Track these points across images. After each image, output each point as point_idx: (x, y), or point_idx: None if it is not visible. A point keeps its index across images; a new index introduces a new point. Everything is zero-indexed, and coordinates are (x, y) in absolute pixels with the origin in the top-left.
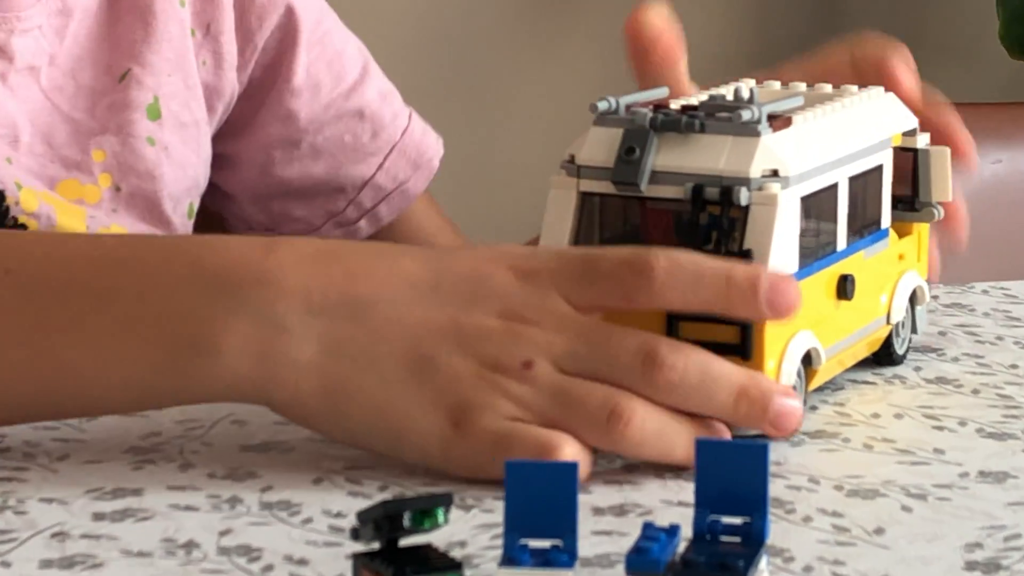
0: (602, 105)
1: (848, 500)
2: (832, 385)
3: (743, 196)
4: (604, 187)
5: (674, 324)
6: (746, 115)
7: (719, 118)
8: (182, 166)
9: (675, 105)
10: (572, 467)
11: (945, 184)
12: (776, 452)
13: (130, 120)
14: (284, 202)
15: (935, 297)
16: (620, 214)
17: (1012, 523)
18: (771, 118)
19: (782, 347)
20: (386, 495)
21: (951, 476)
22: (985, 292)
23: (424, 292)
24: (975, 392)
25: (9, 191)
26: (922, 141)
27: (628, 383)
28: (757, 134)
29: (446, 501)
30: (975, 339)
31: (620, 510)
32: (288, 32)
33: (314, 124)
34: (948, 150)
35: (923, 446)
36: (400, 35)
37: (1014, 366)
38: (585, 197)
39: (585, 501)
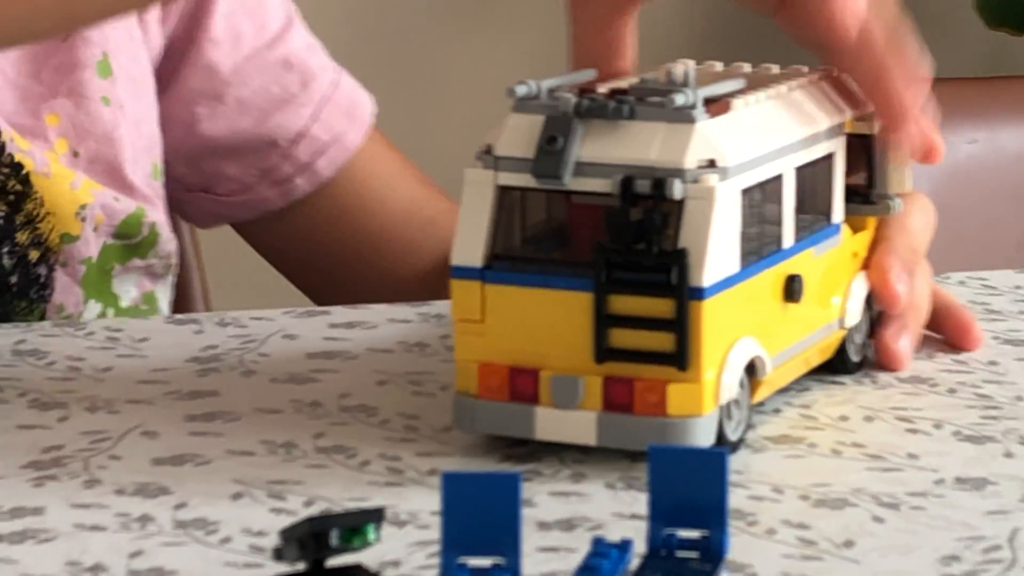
0: (521, 90)
1: (815, 511)
2: (797, 386)
3: (677, 189)
4: (524, 180)
5: (604, 330)
6: (680, 100)
7: (650, 103)
8: (137, 124)
9: (602, 89)
10: (514, 478)
11: (904, 174)
12: (736, 459)
13: (81, 80)
14: (215, 161)
15: None
16: (542, 209)
17: (992, 533)
18: (708, 102)
19: (722, 356)
20: (312, 511)
21: (926, 483)
22: (962, 283)
23: None
24: (951, 392)
25: (4, 128)
26: (877, 127)
27: None
28: (692, 120)
29: (377, 517)
30: None
31: (568, 524)
32: None
33: (237, 76)
34: None
35: (895, 451)
36: (321, 19)
37: (993, 363)
38: (504, 191)
39: (529, 515)
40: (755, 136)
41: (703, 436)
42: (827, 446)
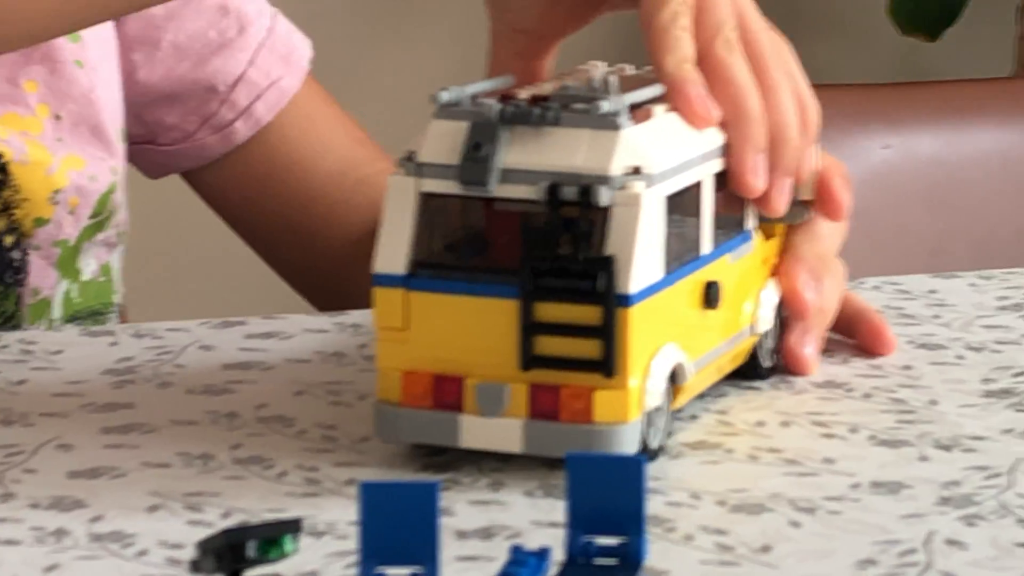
0: (444, 96)
1: (732, 516)
2: (714, 392)
3: (604, 196)
4: (448, 187)
5: (529, 337)
6: (605, 106)
7: (575, 110)
8: (109, 85)
9: (524, 95)
10: (432, 487)
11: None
12: (654, 466)
13: (52, 46)
14: (155, 110)
15: None
16: (466, 216)
17: (907, 537)
18: (631, 109)
19: (647, 362)
20: (229, 522)
21: (842, 488)
22: (876, 288)
23: None
24: (867, 396)
25: None
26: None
27: None
28: (617, 127)
29: (294, 528)
30: None
31: (486, 533)
32: None
33: (173, 21)
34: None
35: (812, 456)
36: None
37: (908, 367)
38: (426, 198)
39: (448, 524)
40: (676, 143)
41: (628, 443)
42: (744, 452)
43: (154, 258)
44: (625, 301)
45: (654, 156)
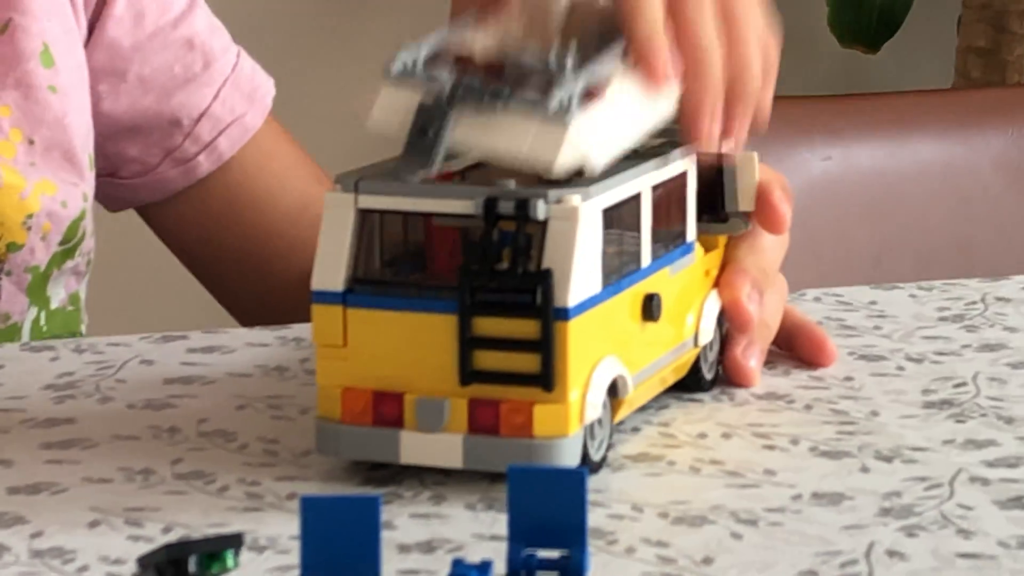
0: (396, 68)
1: (674, 528)
2: (656, 404)
3: (540, 210)
4: (385, 203)
5: (468, 352)
6: (556, 99)
7: (525, 98)
8: (81, 111)
9: (478, 59)
10: (373, 501)
11: (753, 192)
12: (595, 478)
13: (26, 71)
14: (117, 142)
15: None
16: (403, 231)
17: (849, 548)
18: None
19: (587, 376)
20: (170, 537)
21: (783, 499)
22: (817, 299)
23: None
24: (808, 408)
25: None
26: (726, 146)
27: None
28: (565, 125)
29: (236, 542)
30: None
31: (427, 546)
32: None
33: (140, 53)
34: (755, 154)
35: (753, 467)
36: None
37: (849, 379)
38: (364, 214)
39: (389, 537)
40: (624, 134)
41: (569, 456)
42: (686, 464)
43: (114, 286)
44: (563, 315)
45: (599, 154)
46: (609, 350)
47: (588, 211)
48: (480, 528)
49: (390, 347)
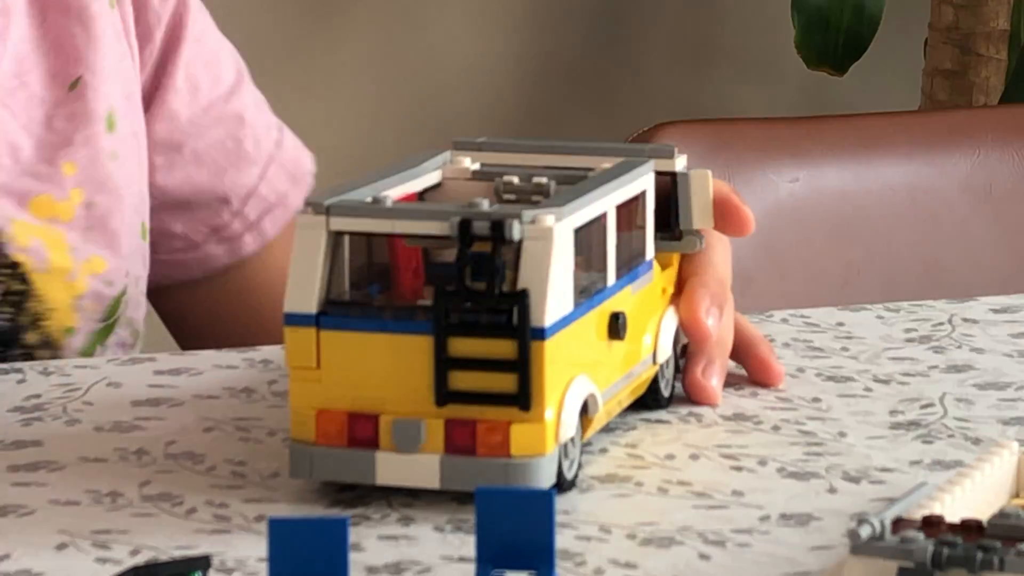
0: (864, 533)
1: (642, 549)
2: (623, 425)
3: (516, 230)
4: (357, 224)
5: (444, 372)
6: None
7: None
8: (136, 182)
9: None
10: (341, 522)
11: (707, 209)
12: (563, 500)
13: (94, 133)
14: (163, 215)
15: None
16: (377, 253)
17: (816, 568)
18: None
19: (561, 394)
20: (138, 560)
21: (751, 520)
22: (785, 321)
23: None
24: (775, 429)
25: (3, 225)
26: (680, 163)
27: None
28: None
29: (203, 564)
30: None
31: (396, 568)
32: (175, 28)
33: (195, 127)
34: (709, 172)
35: (721, 488)
36: None
37: (816, 400)
38: (336, 236)
39: (358, 559)
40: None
41: (546, 476)
42: (654, 485)
43: None
44: (540, 334)
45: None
46: (580, 369)
47: (561, 231)
48: (448, 550)
49: (364, 368)
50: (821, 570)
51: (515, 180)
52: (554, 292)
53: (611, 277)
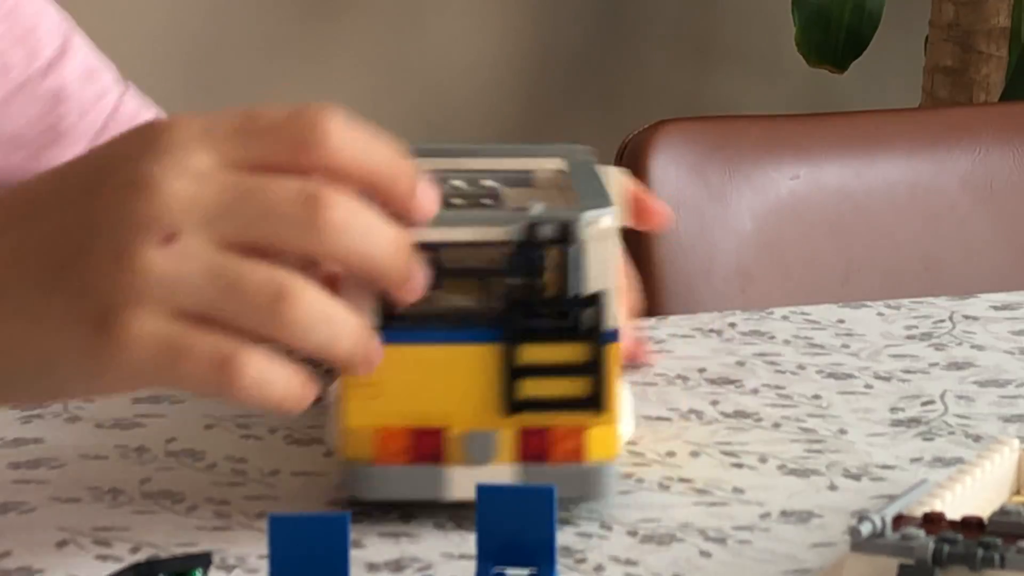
0: (865, 530)
1: (643, 546)
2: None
3: (581, 232)
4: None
5: (513, 381)
6: None
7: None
8: None
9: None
10: (342, 519)
11: (623, 206)
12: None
13: None
14: None
15: (732, 324)
16: (434, 263)
17: (817, 565)
18: None
19: (619, 397)
20: (138, 557)
21: (752, 517)
22: (785, 318)
23: (51, 201)
24: (776, 426)
25: None
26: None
27: (291, 231)
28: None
29: (204, 562)
30: (775, 369)
31: (396, 565)
32: None
33: (7, 107)
34: (622, 170)
35: (722, 485)
36: (154, 50)
37: (817, 397)
38: None
39: (358, 556)
40: None
41: (616, 477)
42: (654, 481)
43: None
44: (612, 337)
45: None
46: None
47: (616, 231)
48: (449, 547)
49: (425, 382)
50: (822, 567)
51: (464, 184)
52: (614, 293)
53: None
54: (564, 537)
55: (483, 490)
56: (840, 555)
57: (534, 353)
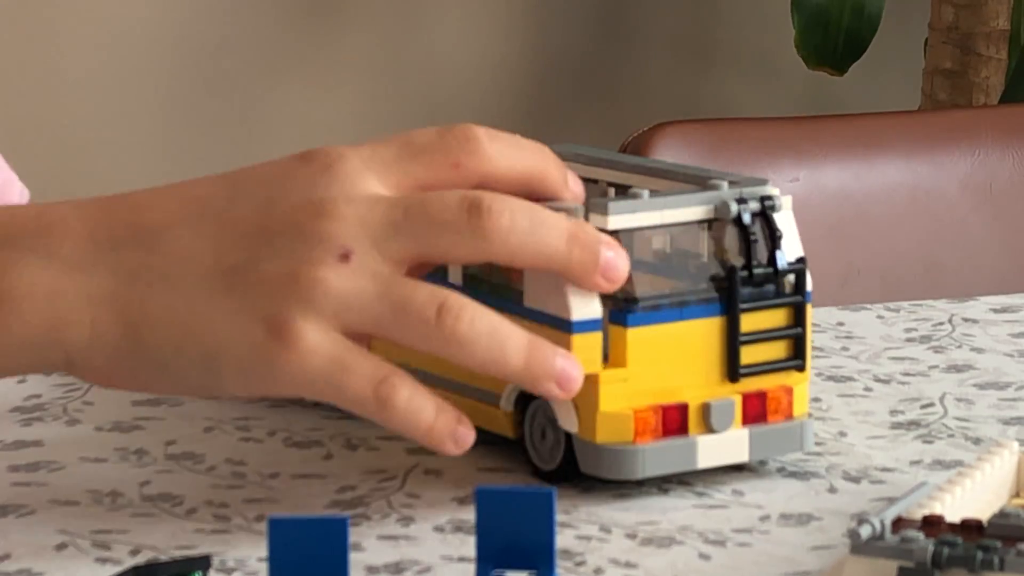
0: (865, 533)
1: (642, 549)
2: None
3: (780, 203)
4: (633, 220)
5: (737, 349)
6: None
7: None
8: None
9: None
10: (342, 522)
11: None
12: (564, 499)
13: None
14: None
15: None
16: (643, 246)
17: (816, 568)
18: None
19: None
20: (138, 559)
21: (751, 520)
22: None
23: (221, 206)
24: None
25: None
26: None
27: (461, 239)
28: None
29: (204, 564)
30: None
31: (396, 568)
32: None
33: None
34: None
35: (721, 488)
36: (154, 53)
37: (816, 399)
38: (613, 235)
39: (358, 559)
40: None
41: (813, 431)
42: (654, 484)
43: None
44: (809, 298)
45: None
46: None
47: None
48: (448, 550)
49: (665, 360)
50: (821, 570)
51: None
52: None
53: None
54: (563, 540)
55: (482, 493)
56: (839, 558)
57: (753, 321)
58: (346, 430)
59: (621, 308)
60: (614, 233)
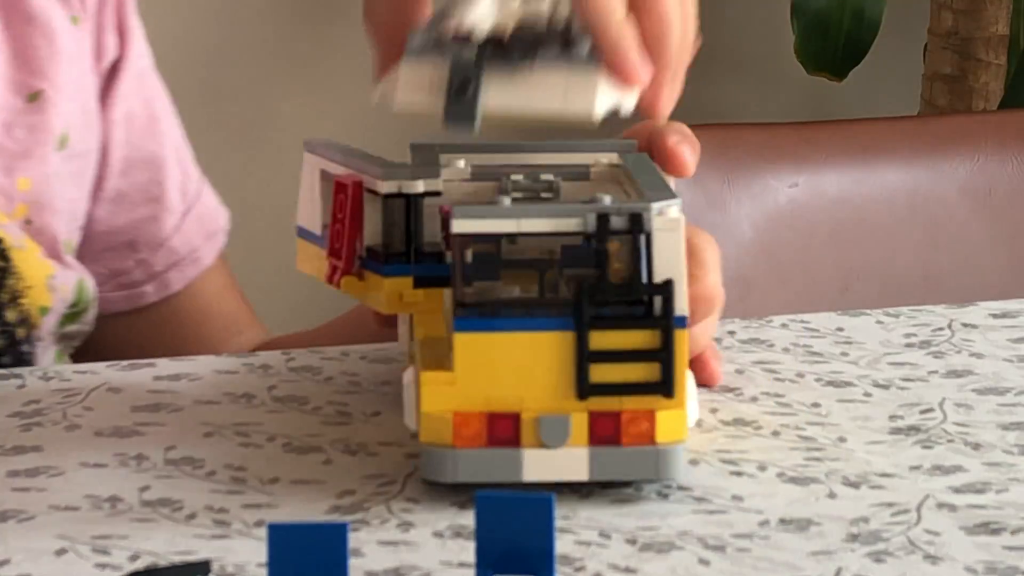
0: (416, 38)
1: (641, 555)
2: None
3: (653, 222)
4: (478, 226)
5: (586, 366)
6: (583, 53)
7: (550, 53)
8: (70, 200)
9: (492, 32)
10: (341, 528)
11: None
12: (563, 505)
13: (45, 151)
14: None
15: (731, 332)
16: (498, 253)
17: (816, 573)
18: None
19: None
20: (137, 565)
21: (751, 525)
22: (784, 326)
23: None
24: (775, 434)
25: None
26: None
27: None
28: (596, 71)
29: (203, 570)
30: (774, 377)
31: (395, 573)
32: (120, 60)
33: (122, 164)
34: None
35: (721, 493)
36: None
37: (816, 405)
38: (460, 238)
39: (357, 565)
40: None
41: (684, 461)
42: (653, 489)
43: None
44: (681, 323)
45: (628, 99)
46: None
47: (681, 222)
48: (448, 555)
49: (500, 368)
50: (821, 575)
51: (521, 179)
52: (680, 283)
53: None
54: (563, 545)
55: (482, 498)
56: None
57: (606, 339)
58: (345, 435)
59: (456, 313)
60: (459, 236)
